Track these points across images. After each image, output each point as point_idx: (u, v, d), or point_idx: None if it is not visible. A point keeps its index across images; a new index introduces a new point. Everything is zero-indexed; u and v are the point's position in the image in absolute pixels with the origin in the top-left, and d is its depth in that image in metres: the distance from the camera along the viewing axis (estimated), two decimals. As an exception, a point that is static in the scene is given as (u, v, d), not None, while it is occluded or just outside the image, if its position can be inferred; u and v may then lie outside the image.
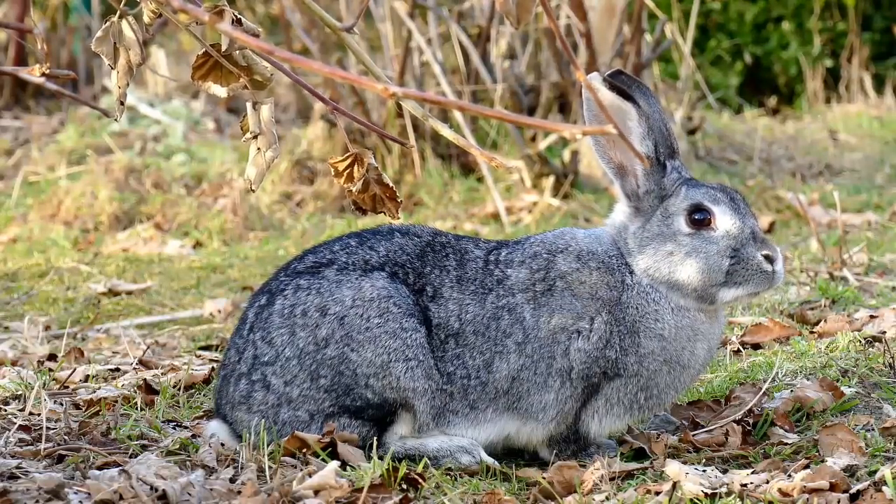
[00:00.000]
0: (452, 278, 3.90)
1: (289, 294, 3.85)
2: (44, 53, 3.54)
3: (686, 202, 3.89)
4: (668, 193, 3.91)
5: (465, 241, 3.99)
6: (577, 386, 3.87)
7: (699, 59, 13.31)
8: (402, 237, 3.95)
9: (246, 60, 3.58)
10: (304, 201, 9.11)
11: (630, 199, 3.94)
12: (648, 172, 3.91)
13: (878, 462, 3.72)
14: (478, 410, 3.87)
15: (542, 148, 8.93)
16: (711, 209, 3.88)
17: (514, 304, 3.87)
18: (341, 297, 3.81)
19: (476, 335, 3.85)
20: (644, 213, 3.92)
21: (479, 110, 2.54)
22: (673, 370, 3.92)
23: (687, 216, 3.88)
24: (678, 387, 3.96)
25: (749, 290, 3.90)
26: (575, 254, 3.93)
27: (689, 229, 3.88)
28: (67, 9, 12.31)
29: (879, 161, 10.38)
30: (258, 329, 3.86)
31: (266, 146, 3.64)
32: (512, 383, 3.86)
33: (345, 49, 9.29)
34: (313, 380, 3.80)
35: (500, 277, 3.90)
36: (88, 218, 8.71)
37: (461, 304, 3.87)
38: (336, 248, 3.94)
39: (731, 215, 3.88)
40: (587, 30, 8.97)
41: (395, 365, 3.78)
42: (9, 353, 5.58)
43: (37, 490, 3.46)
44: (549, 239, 3.99)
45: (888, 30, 13.84)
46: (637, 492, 3.60)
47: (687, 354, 3.92)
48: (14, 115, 11.65)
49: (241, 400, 3.86)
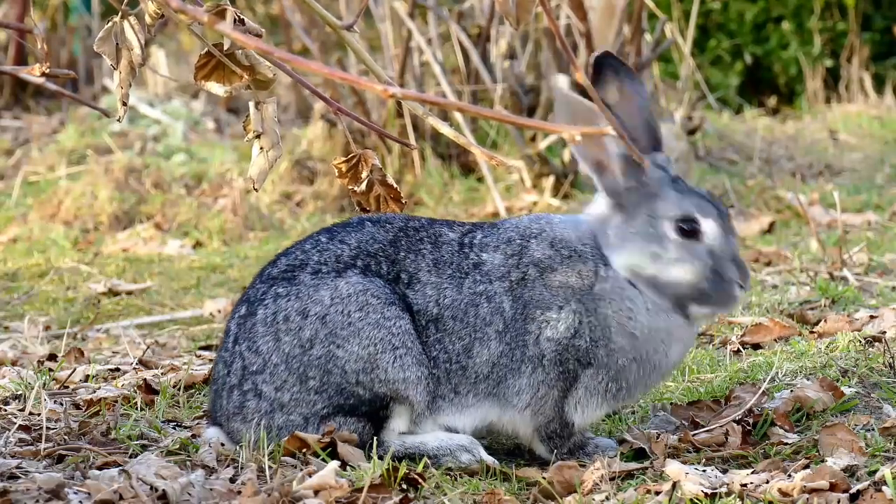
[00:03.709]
0: (429, 262, 3.88)
1: (269, 303, 3.85)
2: (44, 53, 3.54)
3: (676, 210, 3.86)
4: (652, 192, 3.88)
5: (438, 224, 3.98)
6: (549, 371, 3.86)
7: (699, 59, 13.31)
8: (373, 226, 3.94)
9: (249, 60, 3.58)
10: (304, 201, 9.11)
11: (611, 196, 3.91)
12: (625, 170, 3.88)
13: (878, 462, 3.72)
14: (461, 395, 3.86)
15: (542, 148, 8.93)
16: (700, 222, 3.85)
17: (493, 292, 3.86)
18: (320, 297, 3.81)
19: (455, 320, 3.85)
20: (626, 209, 3.89)
21: (479, 111, 2.54)
22: (642, 368, 3.91)
23: (675, 224, 3.86)
24: (647, 385, 3.97)
25: (714, 311, 3.93)
26: (548, 240, 3.92)
27: (675, 236, 3.86)
28: (67, 9, 12.32)
29: (879, 161, 10.38)
30: (243, 340, 3.86)
31: (269, 146, 3.65)
32: (492, 369, 3.85)
33: (345, 49, 9.29)
34: (302, 382, 3.80)
35: (476, 261, 3.89)
36: (88, 218, 8.71)
37: (439, 289, 3.86)
38: (307, 248, 3.93)
39: (719, 231, 3.86)
40: (587, 30, 8.97)
41: (381, 356, 3.77)
42: (9, 353, 5.58)
43: (37, 490, 3.46)
44: (523, 223, 3.98)
45: (888, 30, 13.84)
46: (637, 492, 3.60)
47: (659, 356, 3.91)
48: (14, 115, 11.65)
49: (235, 411, 3.86)
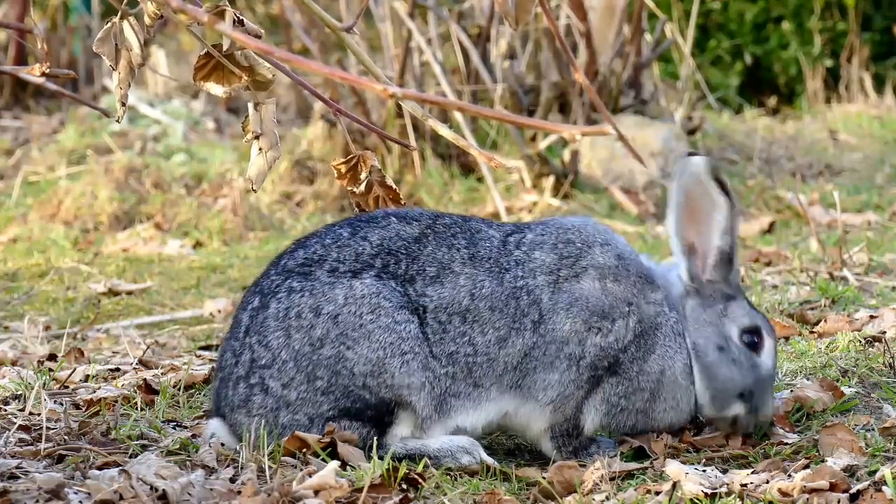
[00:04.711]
0: (464, 255, 3.89)
1: (282, 297, 3.84)
2: (44, 53, 3.54)
3: (746, 319, 3.97)
4: (730, 294, 3.99)
5: (474, 220, 4.00)
6: (582, 373, 3.89)
7: (699, 59, 13.31)
8: (398, 222, 3.93)
9: (248, 61, 3.58)
10: (304, 201, 9.11)
11: (691, 279, 4.00)
12: (717, 264, 3.96)
13: (878, 462, 3.72)
14: (481, 388, 3.86)
15: (542, 148, 8.93)
16: (764, 338, 3.98)
17: (534, 286, 3.89)
18: (334, 296, 3.81)
19: (492, 311, 3.85)
20: (702, 297, 3.99)
21: (479, 111, 2.54)
22: (652, 402, 3.96)
23: (742, 330, 3.97)
24: (644, 418, 3.98)
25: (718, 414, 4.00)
26: (615, 253, 3.96)
27: (738, 342, 3.97)
28: (67, 9, 12.31)
29: (879, 161, 10.37)
30: (254, 332, 3.85)
31: (268, 146, 3.65)
32: (522, 359, 3.86)
33: (345, 49, 9.29)
34: (310, 381, 3.80)
35: (521, 259, 3.91)
36: (88, 218, 8.71)
37: (475, 280, 3.87)
38: (328, 242, 3.91)
39: (773, 354, 4.00)
40: (587, 30, 8.97)
41: (390, 361, 3.78)
42: (9, 353, 5.58)
43: (37, 490, 3.46)
44: (587, 231, 4.00)
45: (888, 30, 13.83)
46: (637, 492, 3.60)
47: (667, 405, 3.98)
48: (14, 115, 11.65)
49: (240, 403, 3.85)
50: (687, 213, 3.94)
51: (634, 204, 8.79)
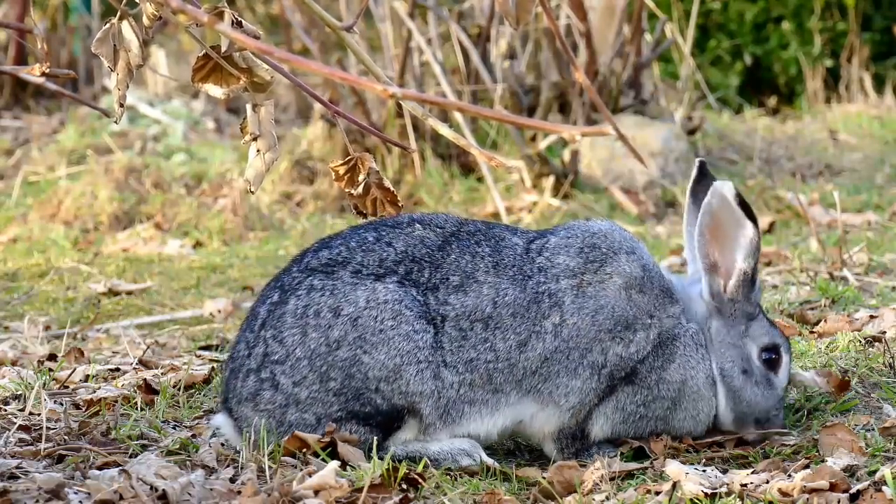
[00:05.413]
0: (488, 264, 3.90)
1: (302, 294, 3.84)
2: (44, 53, 3.54)
3: (766, 338, 4.00)
4: (751, 313, 4.01)
5: (498, 228, 4.01)
6: (602, 381, 3.90)
7: (699, 59, 13.30)
8: (423, 229, 3.94)
9: (246, 62, 3.58)
10: (304, 201, 9.11)
11: (711, 297, 4.01)
12: (739, 284, 3.98)
13: (878, 462, 3.72)
14: (500, 394, 3.86)
15: (542, 148, 8.93)
16: (782, 356, 4.02)
17: (556, 290, 3.89)
18: (355, 298, 3.81)
19: (514, 317, 3.86)
20: (724, 317, 4.01)
21: (479, 111, 2.54)
22: (673, 410, 3.97)
23: (761, 350, 4.00)
24: (663, 425, 3.99)
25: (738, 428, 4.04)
26: (641, 264, 3.97)
27: (758, 362, 4.00)
28: (67, 9, 12.31)
29: (879, 161, 10.37)
30: (270, 327, 3.84)
31: (265, 148, 3.64)
32: (542, 364, 3.87)
33: (345, 49, 9.29)
34: (323, 382, 3.80)
35: (544, 265, 3.92)
36: (88, 218, 8.71)
37: (498, 288, 3.87)
38: (353, 245, 3.92)
39: (787, 371, 4.04)
40: (587, 30, 8.97)
41: (406, 368, 3.78)
42: (9, 353, 5.58)
43: (37, 490, 3.46)
44: (615, 238, 4.00)
45: (888, 30, 13.83)
46: (637, 492, 3.60)
47: (687, 413, 3.99)
48: (14, 115, 11.65)
49: (248, 397, 3.85)
50: (711, 233, 3.97)
51: (634, 204, 8.79)
